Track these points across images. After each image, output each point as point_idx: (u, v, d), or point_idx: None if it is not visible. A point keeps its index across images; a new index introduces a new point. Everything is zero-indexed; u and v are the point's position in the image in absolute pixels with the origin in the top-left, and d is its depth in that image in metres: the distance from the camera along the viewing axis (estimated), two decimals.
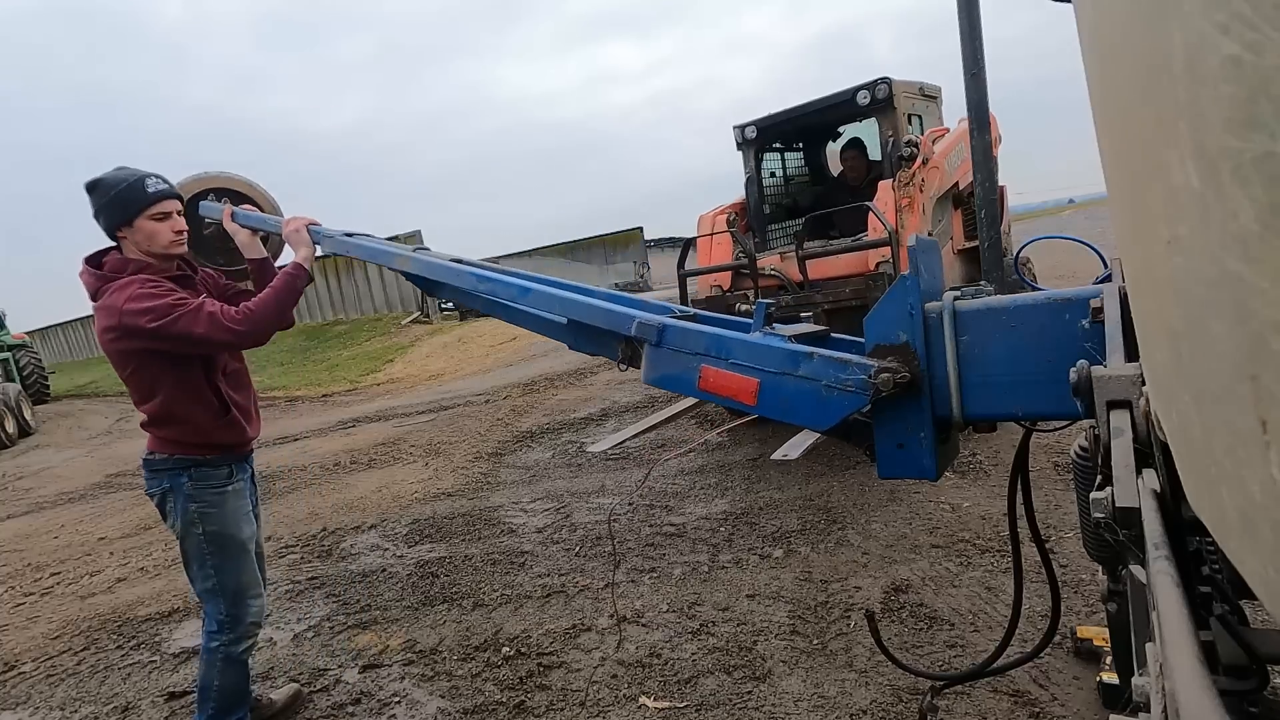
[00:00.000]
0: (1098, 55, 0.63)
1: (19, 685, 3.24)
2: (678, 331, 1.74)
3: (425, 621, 3.28)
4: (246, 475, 2.43)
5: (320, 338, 19.99)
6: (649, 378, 1.79)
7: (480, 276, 2.15)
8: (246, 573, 2.36)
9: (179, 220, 2.23)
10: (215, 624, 2.33)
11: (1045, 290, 1.57)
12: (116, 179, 2.16)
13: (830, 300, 4.35)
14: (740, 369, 1.68)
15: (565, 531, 4.18)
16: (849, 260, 4.73)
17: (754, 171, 5.98)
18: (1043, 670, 2.31)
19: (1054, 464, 4.09)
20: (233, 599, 2.32)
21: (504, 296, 2.11)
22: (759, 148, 6.00)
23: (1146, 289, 0.60)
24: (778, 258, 5.09)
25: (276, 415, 11.43)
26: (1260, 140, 0.31)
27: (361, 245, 2.45)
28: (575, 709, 2.49)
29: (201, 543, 2.27)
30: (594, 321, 1.92)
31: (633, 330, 1.78)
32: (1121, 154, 0.60)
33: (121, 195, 2.13)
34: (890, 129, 5.28)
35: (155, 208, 2.16)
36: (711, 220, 5.65)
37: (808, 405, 1.64)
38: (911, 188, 4.53)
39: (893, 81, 5.19)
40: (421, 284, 2.44)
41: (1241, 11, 0.30)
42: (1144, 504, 0.72)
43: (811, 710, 2.32)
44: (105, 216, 2.17)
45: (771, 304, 1.94)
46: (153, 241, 2.18)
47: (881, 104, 5.24)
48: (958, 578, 3.01)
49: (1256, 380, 0.35)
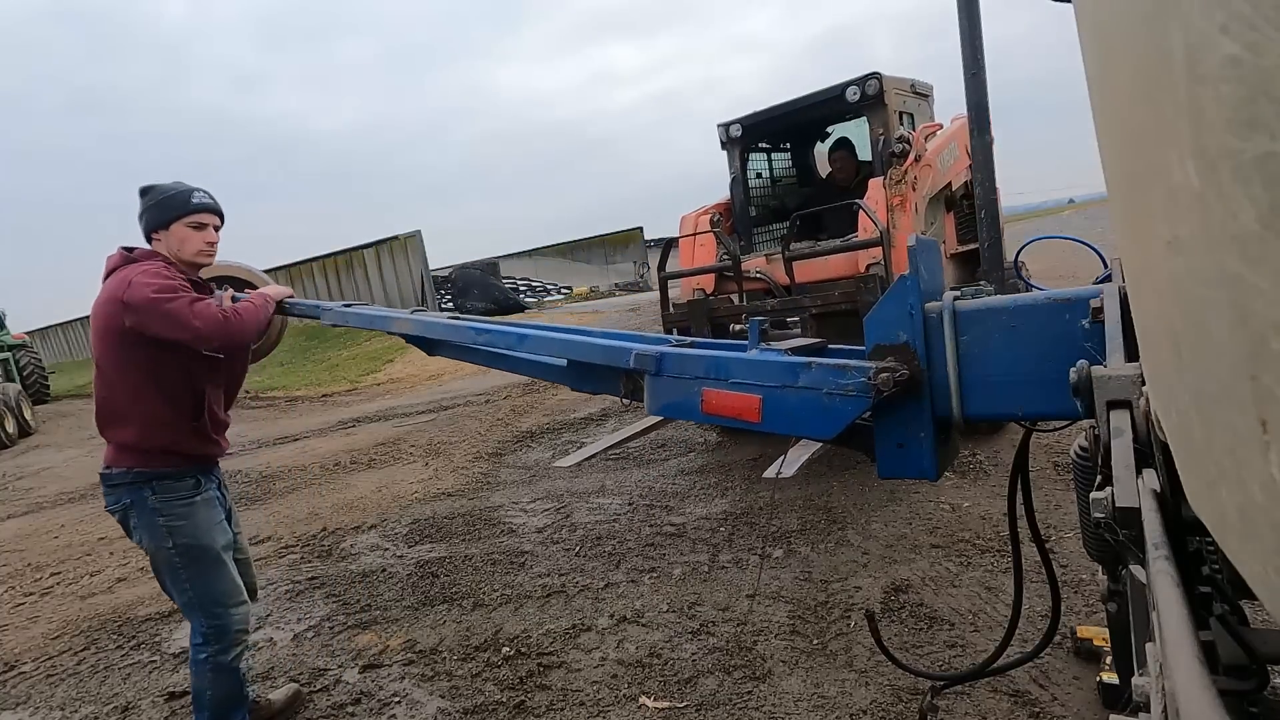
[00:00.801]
0: (1098, 55, 0.63)
1: (19, 685, 3.24)
2: (675, 358, 1.74)
3: (425, 621, 3.28)
4: (214, 484, 2.37)
5: (320, 337, 19.99)
6: (653, 408, 1.79)
7: (478, 329, 2.17)
8: (224, 582, 2.29)
9: (213, 234, 2.34)
10: (200, 636, 2.28)
11: (1045, 290, 1.57)
12: (168, 188, 2.30)
13: (819, 304, 4.09)
14: (741, 388, 1.68)
15: (565, 531, 4.18)
16: (838, 262, 4.55)
17: (739, 172, 5.72)
18: (1043, 670, 2.31)
19: (1054, 464, 4.09)
20: (213, 611, 2.26)
21: (502, 346, 2.13)
22: (744, 147, 5.76)
23: (1146, 289, 0.60)
24: (763, 260, 4.92)
25: (276, 415, 11.43)
26: (1260, 140, 0.31)
27: (359, 314, 2.49)
28: (575, 709, 2.49)
29: (173, 557, 2.21)
30: (592, 359, 1.93)
31: (631, 362, 1.78)
32: (1121, 154, 0.60)
33: (167, 201, 2.26)
34: (881, 127, 5.05)
35: (194, 216, 2.28)
36: (694, 221, 5.39)
37: (812, 415, 1.64)
38: (904, 186, 4.32)
39: (883, 77, 4.96)
40: (422, 344, 2.45)
41: (1241, 11, 0.30)
42: (1144, 504, 0.72)
43: (811, 710, 2.32)
44: (148, 217, 2.28)
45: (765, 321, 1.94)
46: (183, 247, 2.28)
47: (871, 100, 5.00)
48: (958, 578, 3.01)
49: (1256, 380, 0.35)
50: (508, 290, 21.09)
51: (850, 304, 3.94)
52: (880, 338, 1.67)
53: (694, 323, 4.52)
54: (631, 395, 1.90)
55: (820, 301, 4.07)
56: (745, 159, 5.79)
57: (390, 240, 19.86)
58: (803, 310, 4.13)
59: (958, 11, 4.97)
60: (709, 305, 4.65)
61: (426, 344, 2.43)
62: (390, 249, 19.90)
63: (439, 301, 20.16)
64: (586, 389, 2.16)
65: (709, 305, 4.65)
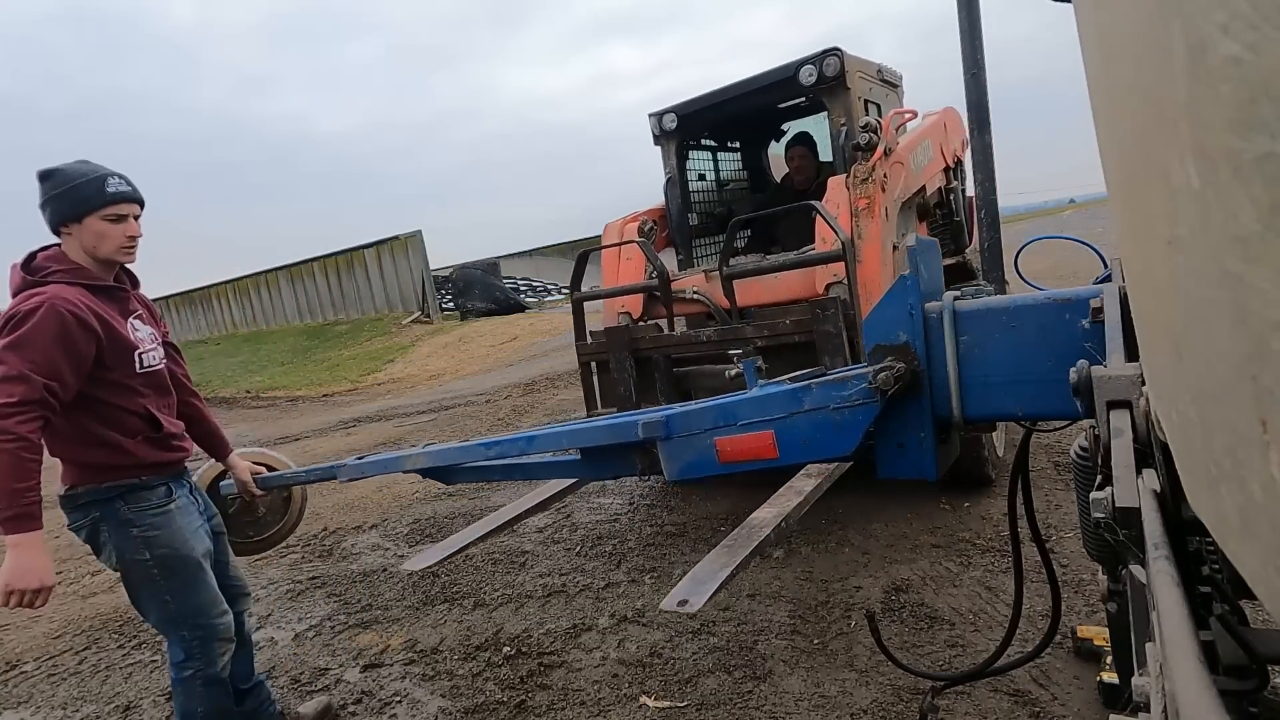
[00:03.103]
0: (1098, 55, 0.63)
1: (21, 685, 3.24)
2: (681, 416, 1.74)
3: (426, 621, 3.29)
4: (185, 489, 2.21)
5: (321, 337, 20.00)
6: (672, 473, 1.76)
7: (487, 444, 2.12)
8: (207, 591, 2.13)
9: (134, 225, 2.03)
10: (181, 653, 2.11)
11: (1045, 290, 1.57)
12: (75, 172, 1.96)
13: (765, 334, 3.28)
14: (751, 427, 1.68)
15: (566, 531, 4.18)
16: (792, 281, 3.59)
17: (675, 172, 4.68)
18: (1043, 670, 2.31)
19: (1054, 464, 4.09)
20: (196, 623, 2.11)
21: (514, 453, 2.08)
22: (682, 142, 4.74)
23: (1146, 289, 0.60)
24: (702, 277, 3.88)
25: (277, 415, 11.44)
26: (1260, 140, 0.31)
27: (374, 462, 2.40)
28: (576, 708, 2.49)
29: (151, 569, 2.04)
30: (602, 440, 1.89)
31: (640, 433, 1.75)
32: (1121, 154, 0.60)
33: (77, 190, 1.94)
34: (842, 116, 4.03)
35: (110, 209, 1.96)
36: (620, 229, 4.38)
37: (825, 436, 1.64)
38: (871, 184, 3.33)
39: (845, 55, 3.93)
40: (439, 475, 2.35)
41: (1241, 11, 0.30)
42: (1144, 504, 0.72)
43: (812, 710, 2.32)
44: (53, 209, 1.96)
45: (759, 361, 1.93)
46: (100, 243, 1.98)
47: (831, 84, 3.97)
48: (958, 578, 3.01)
49: (1256, 380, 0.35)
50: (508, 290, 21.09)
51: (804, 335, 3.20)
52: (880, 338, 1.68)
53: (613, 355, 3.75)
54: (649, 469, 1.87)
55: (767, 331, 3.29)
56: (684, 157, 4.81)
57: (391, 240, 19.88)
58: (745, 341, 3.31)
59: (958, 11, 4.98)
60: (631, 334, 3.76)
61: (442, 474, 2.33)
62: (391, 249, 19.90)
63: (439, 301, 20.16)
64: (606, 475, 2.12)
65: (631, 334, 3.76)
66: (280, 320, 23.78)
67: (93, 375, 1.96)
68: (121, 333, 2.02)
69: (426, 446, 2.40)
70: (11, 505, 1.76)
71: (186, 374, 2.39)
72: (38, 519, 1.81)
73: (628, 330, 3.81)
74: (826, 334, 3.10)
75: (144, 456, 2.05)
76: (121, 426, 2.02)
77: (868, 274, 3.16)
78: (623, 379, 3.77)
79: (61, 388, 1.85)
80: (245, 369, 18.36)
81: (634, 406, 3.63)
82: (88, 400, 1.97)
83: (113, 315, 2.02)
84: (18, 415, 1.76)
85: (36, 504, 1.80)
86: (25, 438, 1.77)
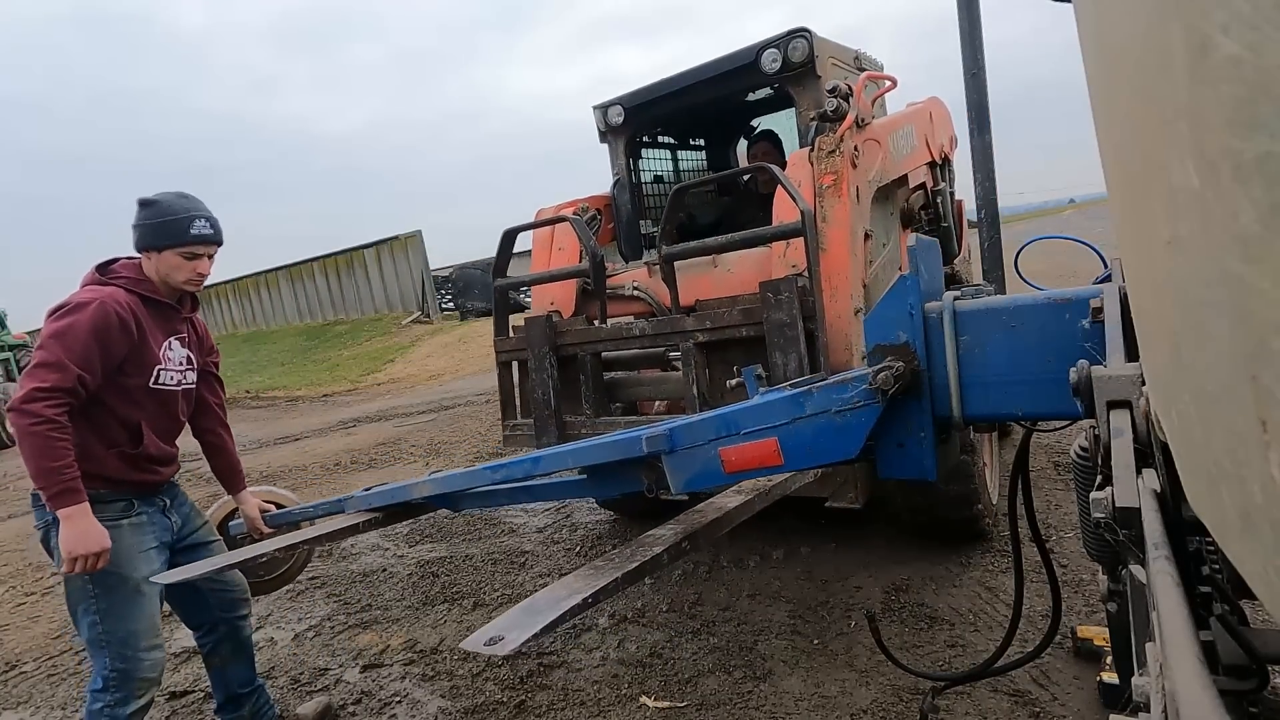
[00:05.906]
0: (1098, 55, 0.63)
1: (20, 685, 3.24)
2: (684, 428, 1.74)
3: (426, 621, 3.29)
4: (154, 510, 2.18)
5: (321, 337, 20.00)
6: (678, 486, 1.75)
7: (493, 468, 2.11)
8: (140, 620, 2.06)
9: (206, 264, 2.20)
10: (100, 680, 2.03)
11: (1045, 290, 1.57)
12: (169, 208, 2.12)
13: (708, 326, 2.74)
14: (754, 435, 1.67)
15: (566, 531, 4.18)
16: (744, 274, 3.07)
17: (624, 172, 4.04)
18: (1043, 670, 2.31)
19: (1054, 464, 4.09)
20: (120, 652, 2.02)
21: (520, 475, 2.06)
22: (632, 138, 4.09)
23: (1146, 289, 0.60)
24: (644, 270, 3.44)
25: (277, 415, 11.44)
26: (1260, 140, 0.31)
27: (381, 493, 2.39)
28: (576, 708, 2.49)
29: (86, 583, 2.00)
30: (606, 458, 1.87)
31: (644, 448, 1.73)
32: (1121, 154, 0.60)
33: (165, 226, 2.11)
34: (811, 108, 3.38)
35: (187, 248, 2.13)
36: (554, 214, 3.74)
37: (829, 440, 1.63)
38: (838, 158, 2.77)
39: (814, 37, 3.32)
40: (445, 502, 2.34)
41: (1241, 11, 0.30)
42: (1144, 504, 0.72)
43: (812, 710, 2.32)
44: (140, 234, 2.13)
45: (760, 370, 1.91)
46: (172, 274, 2.14)
47: (797, 70, 3.35)
48: (958, 578, 3.01)
49: (1256, 380, 0.35)
50: None
51: (753, 326, 2.65)
52: (880, 338, 1.68)
53: (532, 353, 3.19)
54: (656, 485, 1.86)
55: (709, 323, 2.74)
56: (634, 154, 4.19)
57: (391, 240, 19.87)
58: (686, 335, 2.80)
59: (958, 11, 4.98)
60: (554, 327, 3.19)
61: (450, 501, 2.30)
62: (391, 249, 19.90)
63: (439, 301, 20.16)
64: (612, 494, 2.10)
65: (554, 327, 3.19)
66: (280, 320, 23.78)
67: (107, 376, 2.02)
68: (152, 345, 2.11)
69: (433, 474, 2.39)
70: (53, 483, 1.90)
71: (221, 404, 2.48)
72: (81, 492, 1.93)
73: (549, 322, 3.21)
74: (779, 324, 2.56)
75: (110, 471, 2.07)
76: (103, 434, 2.06)
77: (832, 264, 2.63)
78: (542, 381, 3.17)
79: (91, 379, 1.97)
80: (245, 369, 18.37)
81: (554, 414, 3.14)
82: (89, 400, 2.00)
83: (154, 328, 2.13)
84: (48, 400, 1.89)
85: (76, 479, 1.92)
86: (54, 419, 1.89)
